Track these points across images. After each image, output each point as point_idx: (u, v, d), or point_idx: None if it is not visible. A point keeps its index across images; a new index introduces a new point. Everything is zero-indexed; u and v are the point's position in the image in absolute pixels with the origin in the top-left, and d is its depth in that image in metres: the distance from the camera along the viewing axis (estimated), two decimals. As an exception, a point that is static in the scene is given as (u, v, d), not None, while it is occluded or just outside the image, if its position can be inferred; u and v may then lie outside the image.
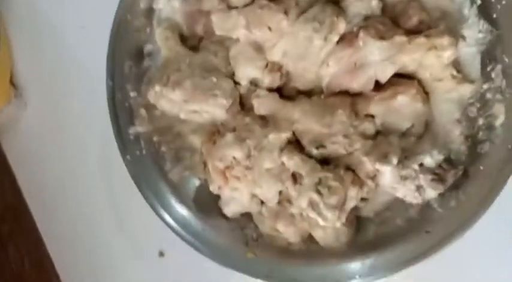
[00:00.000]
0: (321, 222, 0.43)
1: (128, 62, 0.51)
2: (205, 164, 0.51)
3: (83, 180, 0.59)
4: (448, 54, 0.39)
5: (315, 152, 0.45)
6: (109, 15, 0.49)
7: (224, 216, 0.52)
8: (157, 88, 0.48)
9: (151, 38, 0.50)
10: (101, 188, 0.59)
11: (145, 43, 0.51)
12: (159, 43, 0.50)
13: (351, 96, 0.45)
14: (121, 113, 0.52)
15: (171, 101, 0.48)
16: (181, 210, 0.52)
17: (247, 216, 0.52)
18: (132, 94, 0.51)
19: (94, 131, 0.58)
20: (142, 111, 0.52)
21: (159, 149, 0.53)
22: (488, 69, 0.40)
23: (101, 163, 0.59)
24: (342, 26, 0.41)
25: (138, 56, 0.51)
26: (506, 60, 0.39)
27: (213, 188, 0.50)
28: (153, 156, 0.52)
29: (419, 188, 0.43)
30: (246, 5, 0.44)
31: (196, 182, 0.53)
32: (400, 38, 0.40)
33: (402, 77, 0.43)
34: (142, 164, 0.52)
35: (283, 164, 0.46)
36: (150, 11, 0.50)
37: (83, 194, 0.60)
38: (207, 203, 0.52)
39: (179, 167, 0.53)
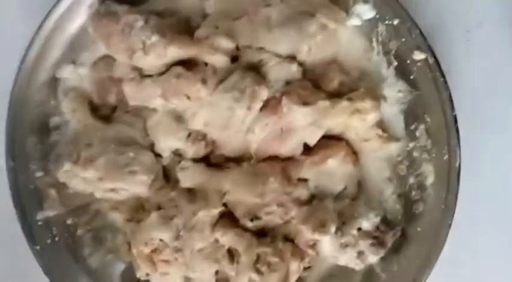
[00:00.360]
0: (264, 303, 0.40)
1: (31, 138, 0.45)
2: (129, 245, 0.46)
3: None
4: (371, 117, 0.39)
5: (250, 224, 0.42)
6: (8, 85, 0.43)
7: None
8: (67, 167, 0.43)
9: (58, 110, 0.45)
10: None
11: (50, 116, 0.46)
12: (66, 115, 0.45)
13: (282, 161, 0.43)
14: (26, 197, 0.45)
15: (84, 180, 0.43)
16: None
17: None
18: (38, 174, 0.45)
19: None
20: (52, 192, 0.46)
21: (75, 232, 0.47)
22: (412, 127, 0.40)
23: (7, 259, 0.50)
24: (264, 94, 0.39)
25: (43, 131, 0.46)
26: (428, 119, 0.39)
27: (141, 275, 0.45)
28: (67, 242, 0.46)
29: (360, 254, 0.41)
30: (160, 74, 0.41)
31: (121, 266, 0.47)
32: (323, 103, 0.39)
33: (331, 138, 0.42)
34: (55, 252, 0.46)
35: (216, 240, 0.42)
36: (53, 82, 0.45)
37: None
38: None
39: (100, 251, 0.47)
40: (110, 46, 0.40)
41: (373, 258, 0.41)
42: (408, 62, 0.38)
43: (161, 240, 0.42)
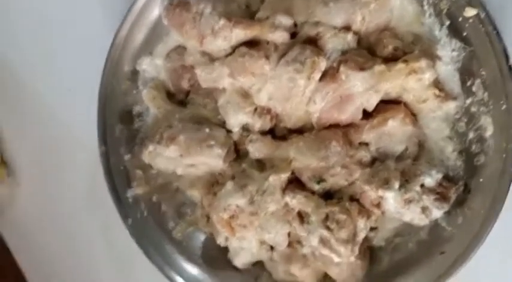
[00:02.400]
0: (335, 258, 0.43)
1: (119, 125, 0.51)
2: (208, 217, 0.50)
3: (85, 252, 0.58)
4: (427, 76, 0.41)
5: (316, 187, 0.45)
6: (94, 78, 0.50)
7: (235, 269, 0.51)
8: (151, 147, 0.48)
9: (139, 99, 0.51)
10: (105, 257, 0.57)
11: (133, 105, 0.52)
12: (147, 103, 0.51)
13: (342, 128, 0.46)
14: (117, 177, 0.51)
15: (167, 158, 0.48)
16: (191, 268, 0.51)
17: (259, 265, 0.51)
18: (126, 157, 0.51)
19: (92, 199, 0.57)
20: (139, 173, 0.52)
21: (160, 208, 0.52)
22: (468, 84, 0.41)
23: (102, 231, 0.57)
24: (322, 64, 0.42)
25: (128, 119, 0.52)
26: (484, 73, 0.40)
27: (220, 241, 0.49)
28: (154, 216, 0.52)
29: (424, 210, 0.43)
30: (227, 55, 0.46)
31: (202, 237, 0.52)
32: (379, 67, 0.42)
33: (388, 103, 0.45)
34: (145, 226, 0.52)
35: (287, 204, 0.45)
36: (134, 73, 0.51)
37: (86, 266, 0.58)
38: (216, 257, 0.52)
39: (182, 224, 0.53)
40: (183, 34, 0.45)
41: (437, 213, 0.42)
42: (460, 19, 0.40)
43: (237, 206, 0.46)
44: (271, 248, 0.49)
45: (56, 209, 0.59)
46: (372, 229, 0.46)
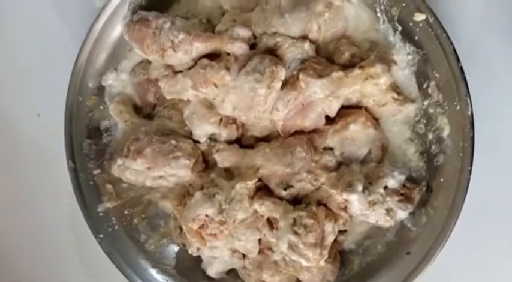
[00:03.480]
0: (304, 262, 0.43)
1: (87, 140, 0.51)
2: (181, 229, 0.51)
3: (58, 266, 0.57)
4: (383, 81, 0.42)
5: (284, 193, 0.46)
6: (61, 96, 0.50)
7: (210, 278, 0.51)
8: (119, 161, 0.48)
9: (106, 114, 0.52)
10: (78, 271, 0.57)
11: (100, 120, 0.52)
12: (114, 117, 0.51)
13: (307, 134, 0.46)
14: (87, 192, 0.51)
15: (135, 171, 0.48)
16: (164, 280, 0.51)
17: (232, 274, 0.51)
18: (96, 172, 0.51)
19: (62, 216, 0.57)
20: (109, 187, 0.52)
21: (132, 221, 0.52)
22: (425, 86, 0.43)
23: (74, 247, 0.57)
24: (281, 73, 0.43)
25: (95, 134, 0.52)
26: (437, 75, 0.41)
27: (192, 251, 0.49)
28: (126, 230, 0.52)
29: (389, 211, 0.43)
30: (189, 68, 0.46)
31: (175, 248, 0.52)
32: (337, 74, 0.43)
33: (350, 108, 0.45)
34: (116, 240, 0.51)
35: (256, 212, 0.46)
36: (100, 89, 0.51)
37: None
38: (189, 268, 0.52)
39: (155, 236, 0.53)
40: (144, 49, 0.46)
41: (402, 214, 0.43)
42: (411, 24, 0.41)
43: (206, 215, 0.46)
44: (244, 256, 0.49)
45: (29, 227, 0.59)
46: (342, 232, 0.47)
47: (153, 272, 0.51)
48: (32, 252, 0.59)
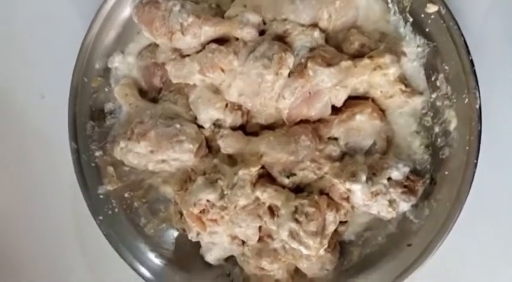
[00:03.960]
0: (304, 250, 0.43)
1: (90, 122, 0.51)
2: (181, 214, 0.50)
3: (57, 249, 0.57)
4: (392, 71, 0.42)
5: (286, 181, 0.45)
6: (68, 79, 0.50)
7: (208, 265, 0.51)
8: (122, 144, 0.48)
9: (111, 96, 0.51)
10: (77, 254, 0.57)
11: (105, 102, 0.52)
12: (119, 100, 0.51)
13: (312, 123, 0.46)
14: (88, 173, 0.51)
15: (138, 154, 0.48)
16: (163, 265, 0.51)
17: (231, 261, 0.51)
18: (98, 153, 0.51)
19: (63, 197, 0.56)
20: (110, 169, 0.51)
21: (132, 204, 0.52)
22: (433, 79, 0.42)
23: (74, 229, 0.57)
24: (290, 60, 0.43)
25: (99, 116, 0.52)
26: (447, 68, 0.41)
27: (192, 236, 0.49)
28: (126, 213, 0.52)
29: (392, 203, 0.43)
30: (197, 52, 0.46)
31: (175, 234, 0.52)
32: (346, 63, 0.42)
33: (357, 99, 0.45)
34: (115, 222, 0.51)
35: (257, 199, 0.46)
36: (106, 71, 0.51)
37: (58, 262, 0.57)
38: (188, 254, 0.52)
39: (155, 221, 0.52)
40: (152, 31, 0.46)
41: (404, 205, 0.43)
42: (423, 15, 0.41)
43: (208, 200, 0.46)
44: (243, 242, 0.49)
45: (28, 208, 0.58)
46: (342, 223, 0.47)
47: (152, 256, 0.51)
48: (31, 232, 0.58)
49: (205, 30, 0.45)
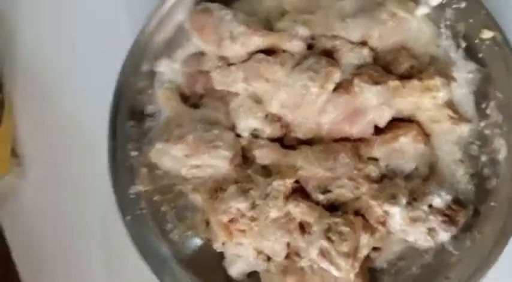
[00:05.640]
0: (334, 271, 0.41)
1: (130, 122, 0.52)
2: (207, 223, 0.50)
3: (80, 247, 0.57)
4: (441, 95, 0.41)
5: (321, 197, 0.44)
6: (110, 78, 0.51)
7: (229, 279, 0.49)
8: (159, 145, 0.48)
9: (153, 99, 0.52)
10: (100, 254, 0.56)
11: (146, 104, 0.52)
12: (160, 103, 0.52)
13: (353, 142, 0.45)
14: (122, 172, 0.51)
15: (173, 157, 0.48)
16: (184, 273, 0.50)
17: (253, 277, 0.49)
18: (134, 154, 0.52)
19: (95, 195, 0.57)
20: (144, 170, 0.52)
21: (160, 208, 0.52)
22: (483, 106, 0.41)
23: (102, 226, 0.57)
24: (337, 75, 0.43)
25: (139, 117, 0.52)
26: (500, 95, 0.40)
27: (217, 245, 0.48)
28: (154, 215, 0.51)
29: (431, 231, 0.41)
30: (244, 61, 0.47)
31: (199, 243, 0.51)
32: (393, 82, 0.42)
33: (401, 121, 0.44)
34: (142, 223, 0.51)
35: (289, 213, 0.44)
36: (151, 74, 0.52)
37: (80, 261, 0.57)
38: (211, 265, 0.50)
39: (180, 227, 0.52)
40: (203, 37, 0.47)
41: (444, 235, 0.41)
42: (476, 41, 0.40)
43: (238, 209, 0.45)
44: (268, 258, 0.47)
45: (58, 204, 0.59)
46: (376, 250, 0.45)
47: (173, 262, 0.50)
48: (56, 229, 0.59)
49: (254, 40, 0.45)
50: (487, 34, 0.39)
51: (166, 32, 0.51)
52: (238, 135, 0.48)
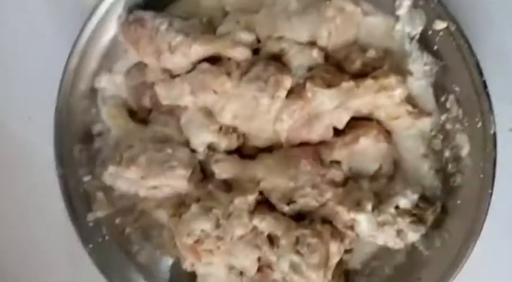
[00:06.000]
0: (307, 284, 0.40)
1: (77, 145, 0.48)
2: (175, 240, 0.48)
3: (48, 278, 0.55)
4: (398, 93, 0.39)
5: (286, 208, 0.43)
6: (48, 101, 0.47)
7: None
8: (111, 169, 0.45)
9: (98, 117, 0.48)
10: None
11: (92, 124, 0.49)
12: (107, 122, 0.48)
13: (313, 146, 0.43)
14: (77, 200, 0.48)
15: (128, 180, 0.45)
16: (157, 295, 0.48)
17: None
18: (86, 178, 0.48)
19: (51, 224, 0.54)
20: (100, 195, 0.49)
21: (124, 231, 0.49)
22: (442, 99, 0.39)
23: (67, 256, 0.54)
24: (287, 82, 0.40)
25: (87, 138, 0.49)
26: (457, 89, 0.38)
27: (186, 266, 0.46)
28: (117, 240, 0.49)
29: (399, 233, 0.40)
30: (188, 72, 0.43)
31: (169, 261, 0.49)
32: (347, 84, 0.39)
33: (361, 120, 0.42)
34: (106, 250, 0.48)
35: (255, 228, 0.43)
36: (92, 91, 0.48)
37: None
38: (184, 282, 0.49)
39: (148, 248, 0.50)
40: (139, 50, 0.43)
41: (413, 236, 0.40)
42: (430, 32, 0.38)
43: (202, 230, 0.43)
44: (241, 273, 0.46)
45: (17, 234, 0.56)
46: (347, 251, 0.44)
47: (146, 286, 0.48)
48: (20, 261, 0.56)
49: (195, 49, 0.42)
50: (439, 25, 0.37)
51: (101, 45, 0.46)
52: (193, 151, 0.45)
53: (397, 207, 0.40)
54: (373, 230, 0.40)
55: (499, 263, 0.43)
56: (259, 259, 0.44)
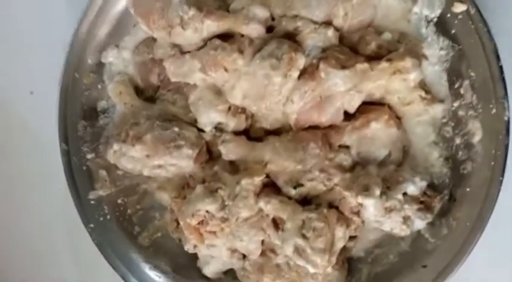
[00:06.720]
0: (311, 268, 0.40)
1: (82, 122, 0.47)
2: (178, 222, 0.47)
3: (48, 256, 0.54)
4: (413, 77, 0.38)
5: (293, 192, 0.42)
6: (54, 75, 0.46)
7: (205, 278, 0.48)
8: (116, 146, 0.45)
9: (104, 94, 0.47)
10: (69, 263, 0.54)
11: (98, 100, 0.48)
12: (113, 98, 0.47)
13: (322, 129, 0.43)
14: (79, 177, 0.47)
15: (133, 158, 0.45)
16: (157, 277, 0.48)
17: (230, 274, 0.48)
18: (90, 156, 0.48)
19: (52, 201, 0.53)
20: (103, 173, 0.48)
21: (125, 211, 0.49)
22: (456, 86, 0.39)
23: (64, 235, 0.53)
24: (300, 61, 0.39)
25: (92, 115, 0.48)
26: (473, 74, 0.37)
27: (188, 248, 0.46)
28: (118, 220, 0.48)
29: (406, 219, 0.40)
30: (199, 48, 0.42)
31: (170, 243, 0.48)
32: (362, 66, 0.39)
33: (372, 105, 0.42)
34: (107, 230, 0.48)
35: (261, 210, 0.42)
36: (99, 66, 0.47)
37: (49, 271, 0.54)
38: (184, 265, 0.48)
39: (149, 229, 0.49)
40: (150, 24, 0.42)
41: (420, 223, 0.40)
42: (448, 15, 0.37)
43: (207, 211, 0.42)
44: (244, 256, 0.45)
45: (17, 214, 0.55)
46: (351, 238, 0.44)
47: (145, 267, 0.47)
48: (20, 237, 0.55)
49: (207, 25, 0.41)
50: (459, 7, 0.36)
51: (110, 18, 0.45)
52: (200, 130, 0.45)
53: (404, 194, 0.40)
54: (380, 216, 0.40)
55: (507, 251, 0.43)
56: (262, 242, 0.44)
